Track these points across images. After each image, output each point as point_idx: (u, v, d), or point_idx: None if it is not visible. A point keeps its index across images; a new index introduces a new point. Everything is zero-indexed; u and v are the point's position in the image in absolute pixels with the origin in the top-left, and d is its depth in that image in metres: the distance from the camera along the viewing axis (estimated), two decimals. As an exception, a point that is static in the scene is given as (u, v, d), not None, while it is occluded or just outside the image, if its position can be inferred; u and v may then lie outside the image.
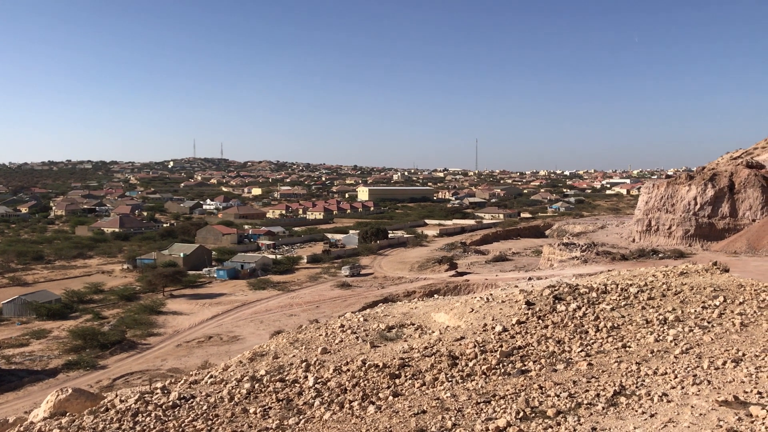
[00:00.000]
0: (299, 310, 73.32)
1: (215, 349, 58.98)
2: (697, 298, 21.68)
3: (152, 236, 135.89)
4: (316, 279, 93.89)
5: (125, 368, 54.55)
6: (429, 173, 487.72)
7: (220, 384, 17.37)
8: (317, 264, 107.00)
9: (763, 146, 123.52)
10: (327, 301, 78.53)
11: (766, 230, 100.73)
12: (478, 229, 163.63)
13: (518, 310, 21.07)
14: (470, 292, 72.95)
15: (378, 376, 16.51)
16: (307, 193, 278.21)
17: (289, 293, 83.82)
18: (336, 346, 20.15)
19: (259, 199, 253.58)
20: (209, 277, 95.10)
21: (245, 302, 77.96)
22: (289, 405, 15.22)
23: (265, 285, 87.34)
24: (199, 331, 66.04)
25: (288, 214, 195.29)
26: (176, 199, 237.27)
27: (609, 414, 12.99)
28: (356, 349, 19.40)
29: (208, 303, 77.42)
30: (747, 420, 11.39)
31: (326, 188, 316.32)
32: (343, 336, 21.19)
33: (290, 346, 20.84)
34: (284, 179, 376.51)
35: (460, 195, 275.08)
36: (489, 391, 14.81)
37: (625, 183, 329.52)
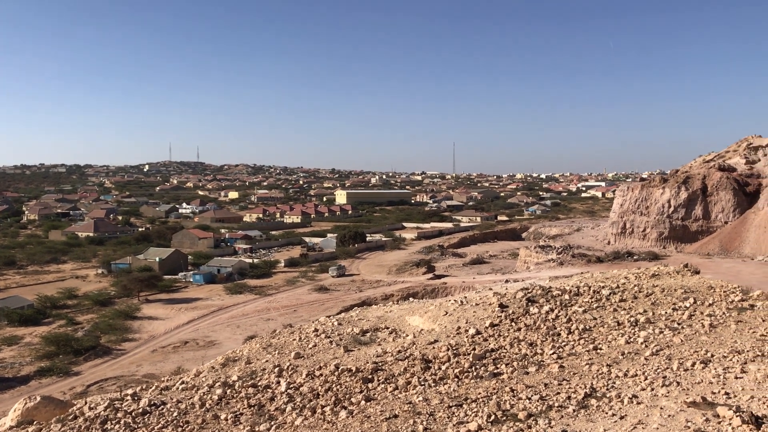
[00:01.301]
0: (276, 315, 72.91)
1: (191, 354, 58.44)
2: (668, 300, 21.92)
3: (127, 240, 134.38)
4: (293, 283, 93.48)
5: (99, 374, 53.85)
6: (407, 176, 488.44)
7: (192, 390, 17.19)
8: (295, 268, 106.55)
9: (735, 150, 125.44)
10: (304, 305, 78.20)
11: (737, 232, 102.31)
12: (455, 232, 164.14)
13: (492, 312, 21.14)
14: (448, 294, 73.10)
15: (351, 380, 16.46)
16: (284, 197, 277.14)
17: (267, 297, 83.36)
18: (309, 350, 20.06)
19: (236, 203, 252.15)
20: (185, 282, 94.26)
21: (222, 307, 77.36)
22: (260, 411, 15.11)
23: (241, 289, 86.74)
24: (175, 336, 65.41)
25: (265, 218, 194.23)
26: (152, 203, 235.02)
27: (579, 416, 13.07)
28: (330, 354, 19.33)
29: (184, 308, 76.72)
30: (714, 421, 11.51)
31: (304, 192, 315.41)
32: (317, 340, 21.09)
33: (263, 351, 20.70)
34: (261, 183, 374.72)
35: (438, 198, 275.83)
36: (461, 395, 14.83)
37: (601, 186, 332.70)
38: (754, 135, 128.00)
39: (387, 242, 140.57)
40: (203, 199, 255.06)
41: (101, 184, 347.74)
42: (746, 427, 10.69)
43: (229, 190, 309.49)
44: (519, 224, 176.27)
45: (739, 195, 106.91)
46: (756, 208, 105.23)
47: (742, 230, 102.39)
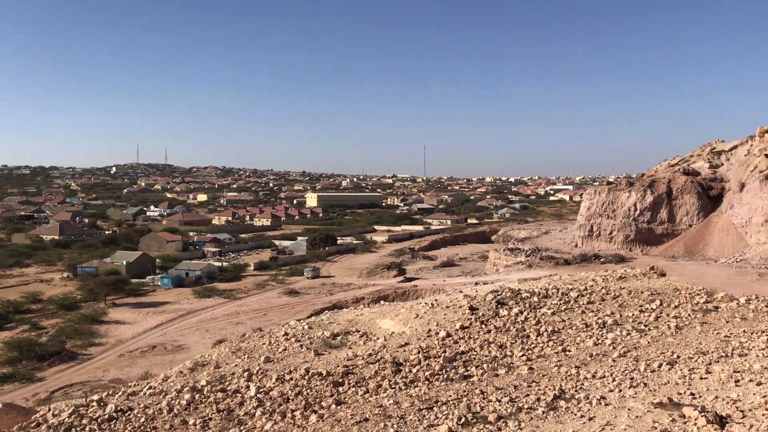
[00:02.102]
0: (246, 318, 72.29)
1: (159, 358, 57.67)
2: (635, 302, 22.24)
3: (94, 244, 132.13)
4: (263, 286, 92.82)
5: (64, 380, 52.81)
6: (378, 179, 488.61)
7: (160, 395, 16.98)
8: (265, 271, 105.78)
9: (699, 154, 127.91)
10: (274, 308, 77.67)
11: (702, 235, 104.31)
12: (426, 234, 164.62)
13: (462, 315, 21.24)
14: (418, 297, 73.26)
15: (321, 384, 16.39)
16: (254, 200, 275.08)
17: (236, 301, 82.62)
18: (279, 354, 19.94)
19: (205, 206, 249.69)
20: (153, 285, 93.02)
21: (190, 311, 76.49)
22: (229, 416, 14.97)
23: (210, 293, 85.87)
24: (143, 341, 64.49)
25: (234, 221, 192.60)
26: (119, 206, 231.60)
27: (549, 418, 13.18)
28: (300, 358, 19.24)
29: (152, 312, 75.69)
30: (680, 421, 11.69)
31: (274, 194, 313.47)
32: (287, 344, 20.98)
33: (233, 355, 20.52)
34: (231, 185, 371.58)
35: (409, 201, 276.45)
36: (432, 397, 14.86)
37: (568, 189, 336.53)
38: (718, 140, 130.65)
39: (358, 245, 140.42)
40: (171, 202, 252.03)
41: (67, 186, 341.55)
42: (711, 427, 10.88)
43: (197, 193, 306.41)
44: (488, 227, 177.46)
45: (703, 198, 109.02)
46: (719, 211, 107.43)
47: (705, 233, 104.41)
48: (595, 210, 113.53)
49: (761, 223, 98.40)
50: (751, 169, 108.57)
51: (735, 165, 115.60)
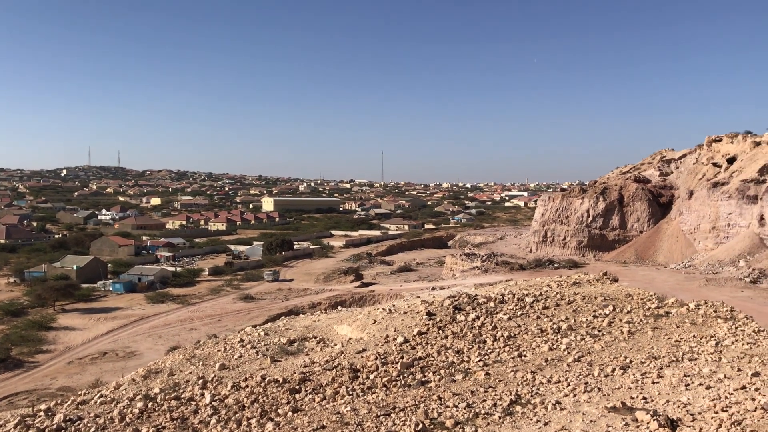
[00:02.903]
0: (200, 324, 71.18)
1: (110, 365, 56.34)
2: (589, 308, 22.61)
3: (42, 248, 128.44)
4: (218, 292, 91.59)
5: (10, 388, 51.10)
6: (335, 184, 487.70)
7: (111, 404, 16.55)
8: (219, 276, 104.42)
9: (649, 162, 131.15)
10: (229, 314, 76.68)
11: (652, 241, 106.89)
12: (383, 239, 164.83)
13: (420, 320, 21.26)
14: (375, 302, 73.25)
15: (278, 391, 16.21)
16: (209, 204, 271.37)
17: (190, 307, 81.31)
18: (235, 361, 19.65)
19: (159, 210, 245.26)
20: (104, 291, 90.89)
21: (143, 316, 74.97)
22: (183, 424, 14.68)
23: (164, 298, 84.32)
24: (93, 347, 62.91)
25: (189, 225, 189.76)
26: (69, 209, 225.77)
27: (505, 423, 13.27)
28: (256, 364, 18.99)
29: (103, 317, 73.94)
30: (633, 425, 11.89)
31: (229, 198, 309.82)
32: (242, 351, 20.69)
33: (187, 362, 20.15)
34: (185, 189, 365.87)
35: (366, 206, 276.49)
36: (389, 404, 14.82)
37: (523, 195, 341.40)
38: (668, 148, 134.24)
39: (315, 250, 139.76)
40: (124, 206, 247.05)
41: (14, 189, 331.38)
42: (662, 431, 11.09)
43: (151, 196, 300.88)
44: (445, 232, 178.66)
45: (653, 205, 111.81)
46: (669, 218, 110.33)
47: (656, 239, 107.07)
48: (549, 216, 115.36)
49: (709, 229, 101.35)
50: (699, 177, 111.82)
51: (684, 173, 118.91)
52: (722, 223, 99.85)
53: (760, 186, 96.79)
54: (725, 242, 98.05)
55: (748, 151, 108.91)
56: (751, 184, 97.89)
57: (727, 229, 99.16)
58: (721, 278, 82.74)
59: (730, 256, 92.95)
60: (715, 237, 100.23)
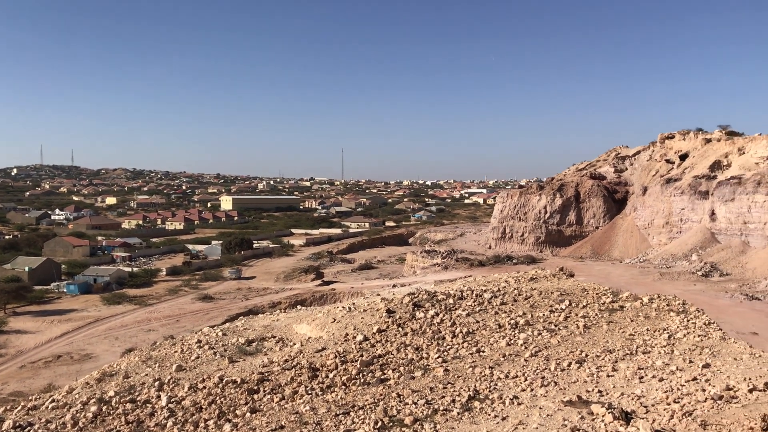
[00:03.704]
0: (158, 325, 70.07)
1: (65, 369, 55.05)
2: (546, 303, 22.89)
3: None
4: (176, 292, 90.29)
5: (-42, 395, 49.58)
6: (295, 182, 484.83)
7: (64, 408, 16.15)
8: (177, 276, 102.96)
9: (605, 159, 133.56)
10: (188, 314, 75.66)
11: (607, 236, 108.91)
12: (344, 238, 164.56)
13: (379, 318, 21.25)
14: (336, 300, 73.06)
15: (236, 392, 16.04)
16: (166, 203, 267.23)
17: (147, 308, 79.98)
18: (192, 362, 19.37)
19: (114, 209, 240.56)
20: (58, 292, 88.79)
21: (99, 318, 73.46)
22: (139, 427, 14.43)
23: (120, 299, 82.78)
24: (47, 351, 61.36)
25: (146, 225, 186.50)
26: (21, 209, 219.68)
27: (464, 419, 13.35)
28: (213, 365, 18.75)
29: (57, 320, 72.20)
30: (589, 418, 12.07)
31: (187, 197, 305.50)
32: (200, 352, 20.41)
33: (143, 364, 19.78)
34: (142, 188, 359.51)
35: (327, 204, 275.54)
36: (348, 402, 14.79)
37: (482, 193, 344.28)
38: (622, 145, 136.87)
39: (275, 249, 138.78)
40: (78, 205, 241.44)
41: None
42: (617, 423, 11.28)
43: (106, 196, 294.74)
44: (406, 230, 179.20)
45: (608, 201, 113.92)
46: (624, 214, 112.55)
47: (611, 235, 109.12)
48: (508, 213, 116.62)
49: (662, 225, 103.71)
50: (653, 174, 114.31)
51: (638, 170, 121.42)
52: (675, 218, 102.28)
53: (711, 182, 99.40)
54: (678, 237, 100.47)
55: (700, 148, 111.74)
56: (703, 180, 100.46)
57: (680, 224, 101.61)
58: (675, 272, 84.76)
59: (683, 250, 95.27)
60: (668, 232, 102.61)
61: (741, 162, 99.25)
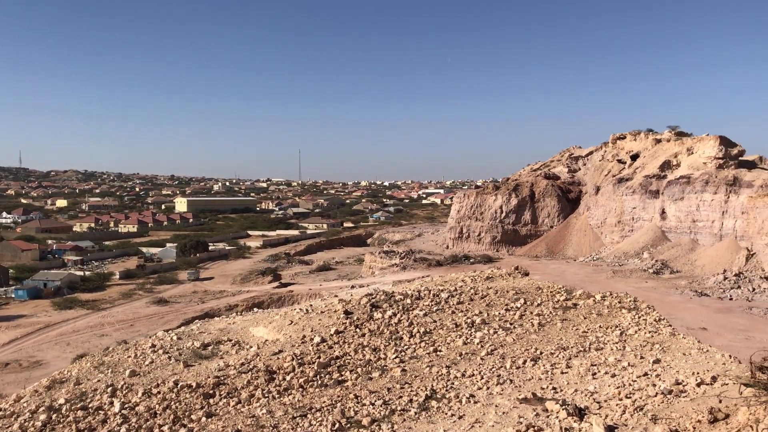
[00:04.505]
0: (111, 330, 68.71)
1: (13, 377, 53.54)
2: (501, 301, 23.13)
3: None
4: (130, 296, 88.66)
5: None
6: (252, 183, 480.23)
7: (11, 417, 15.69)
8: (131, 280, 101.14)
9: (558, 159, 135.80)
10: (142, 318, 74.38)
11: (562, 236, 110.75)
12: (302, 239, 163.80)
13: (337, 320, 21.19)
14: (294, 302, 72.65)
15: (191, 396, 15.81)
16: (119, 205, 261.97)
17: (100, 312, 78.38)
18: (146, 367, 19.03)
19: (65, 212, 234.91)
20: (6, 298, 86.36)
21: (49, 323, 71.66)
22: (91, 435, 14.10)
23: (72, 304, 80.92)
24: (-6, 359, 59.64)
25: (98, 227, 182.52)
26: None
27: (421, 419, 13.42)
28: (168, 370, 18.45)
29: (5, 326, 70.22)
30: (544, 415, 12.25)
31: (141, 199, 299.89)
32: (154, 356, 20.05)
33: (95, 370, 19.35)
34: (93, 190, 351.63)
35: (284, 205, 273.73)
36: (306, 405, 14.72)
37: (440, 193, 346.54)
38: (575, 146, 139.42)
39: (231, 251, 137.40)
40: (27, 208, 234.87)
41: None
42: (571, 419, 11.47)
43: (57, 198, 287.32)
44: (364, 230, 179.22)
45: (562, 201, 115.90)
46: (577, 213, 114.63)
47: (565, 234, 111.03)
48: (465, 213, 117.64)
49: (615, 223, 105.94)
50: (605, 174, 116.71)
51: (591, 169, 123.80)
52: (627, 217, 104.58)
53: (661, 181, 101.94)
54: (630, 235, 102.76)
55: (650, 148, 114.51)
56: (653, 180, 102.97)
57: (631, 223, 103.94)
58: (627, 270, 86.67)
59: (635, 248, 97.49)
60: (620, 230, 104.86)
61: (690, 162, 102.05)
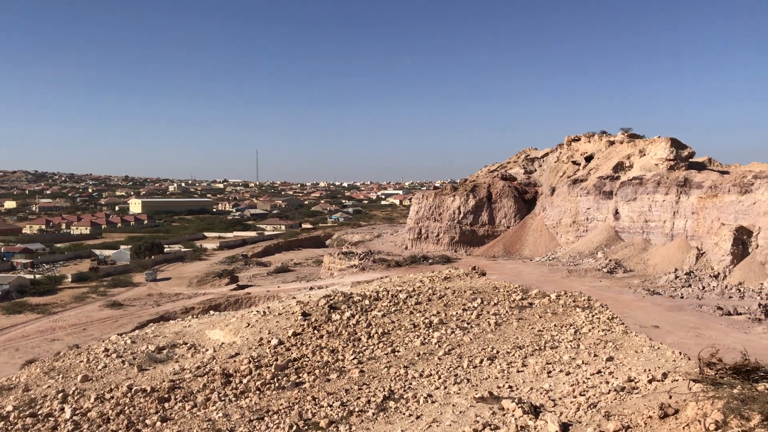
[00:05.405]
0: (63, 335, 66.97)
1: (-42, 384, 51.79)
2: (459, 301, 23.33)
3: None
4: (82, 299, 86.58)
5: None
6: (208, 184, 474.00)
7: (-44, 427, 15.20)
8: (84, 283, 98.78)
9: (515, 160, 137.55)
10: (95, 322, 72.70)
11: (518, 236, 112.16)
12: (260, 240, 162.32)
13: (294, 321, 21.09)
14: (252, 305, 71.97)
15: (145, 401, 15.55)
16: (71, 206, 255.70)
17: (51, 316, 76.33)
18: (99, 372, 18.64)
19: (14, 213, 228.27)
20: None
21: (-3, 329, 69.58)
22: (40, 443, 13.75)
23: (21, 308, 78.64)
24: (-62, 366, 57.62)
25: (49, 230, 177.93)
26: None
27: (379, 419, 13.43)
28: (122, 374, 18.12)
29: (-50, 332, 67.91)
30: (500, 413, 12.39)
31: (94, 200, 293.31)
32: (107, 361, 19.66)
33: (45, 375, 18.88)
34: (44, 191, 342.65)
35: (241, 206, 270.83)
36: (263, 407, 14.61)
37: (399, 194, 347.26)
38: (531, 147, 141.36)
39: (187, 253, 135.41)
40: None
41: None
42: (526, 417, 11.63)
43: (5, 200, 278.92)
44: (323, 232, 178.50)
45: (519, 202, 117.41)
46: (533, 214, 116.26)
47: (522, 234, 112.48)
48: (423, 214, 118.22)
49: (570, 224, 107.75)
50: (560, 175, 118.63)
51: (546, 171, 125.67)
52: (582, 217, 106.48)
53: (614, 182, 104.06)
54: (585, 235, 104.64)
55: (604, 150, 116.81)
56: (607, 181, 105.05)
57: (586, 223, 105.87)
58: (582, 269, 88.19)
59: (589, 248, 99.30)
60: (575, 231, 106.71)
61: (642, 163, 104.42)
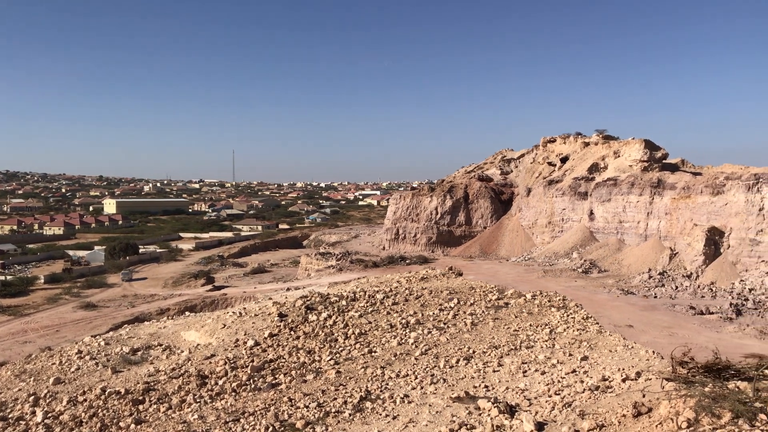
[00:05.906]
0: (35, 336, 65.95)
1: (-73, 388, 50.80)
2: (436, 302, 23.41)
3: None
4: (56, 301, 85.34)
5: None
6: (184, 184, 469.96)
7: (-76, 432, 14.91)
8: (57, 284, 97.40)
9: (491, 161, 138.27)
10: (69, 324, 71.70)
11: (495, 236, 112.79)
12: (236, 241, 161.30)
13: (271, 322, 21.01)
14: (228, 305, 71.51)
15: (119, 403, 15.38)
16: (44, 206, 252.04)
17: (23, 318, 75.12)
18: (72, 374, 18.40)
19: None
20: None
21: (-33, 331, 68.32)
22: (11, 447, 13.54)
23: (-8, 310, 77.41)
24: None
25: (21, 230, 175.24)
26: None
27: (356, 420, 13.43)
28: (95, 377, 17.90)
29: None
30: (476, 413, 12.44)
31: (67, 201, 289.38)
32: (80, 363, 19.41)
33: (16, 378, 18.58)
34: (16, 191, 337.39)
35: (218, 207, 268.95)
36: (239, 409, 14.54)
37: (376, 194, 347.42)
38: (508, 149, 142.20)
39: (162, 254, 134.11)
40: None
41: None
42: (502, 417, 11.70)
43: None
44: (300, 232, 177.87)
45: (495, 203, 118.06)
46: (510, 214, 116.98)
47: (498, 234, 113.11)
48: (401, 214, 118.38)
49: (545, 224, 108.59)
50: (536, 176, 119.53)
51: (522, 172, 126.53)
52: (557, 218, 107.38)
53: (589, 183, 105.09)
54: (560, 236, 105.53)
55: (579, 151, 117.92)
56: (582, 182, 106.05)
57: (561, 224, 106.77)
58: (557, 269, 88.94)
59: (565, 248, 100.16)
60: (551, 231, 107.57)
61: (616, 164, 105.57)
